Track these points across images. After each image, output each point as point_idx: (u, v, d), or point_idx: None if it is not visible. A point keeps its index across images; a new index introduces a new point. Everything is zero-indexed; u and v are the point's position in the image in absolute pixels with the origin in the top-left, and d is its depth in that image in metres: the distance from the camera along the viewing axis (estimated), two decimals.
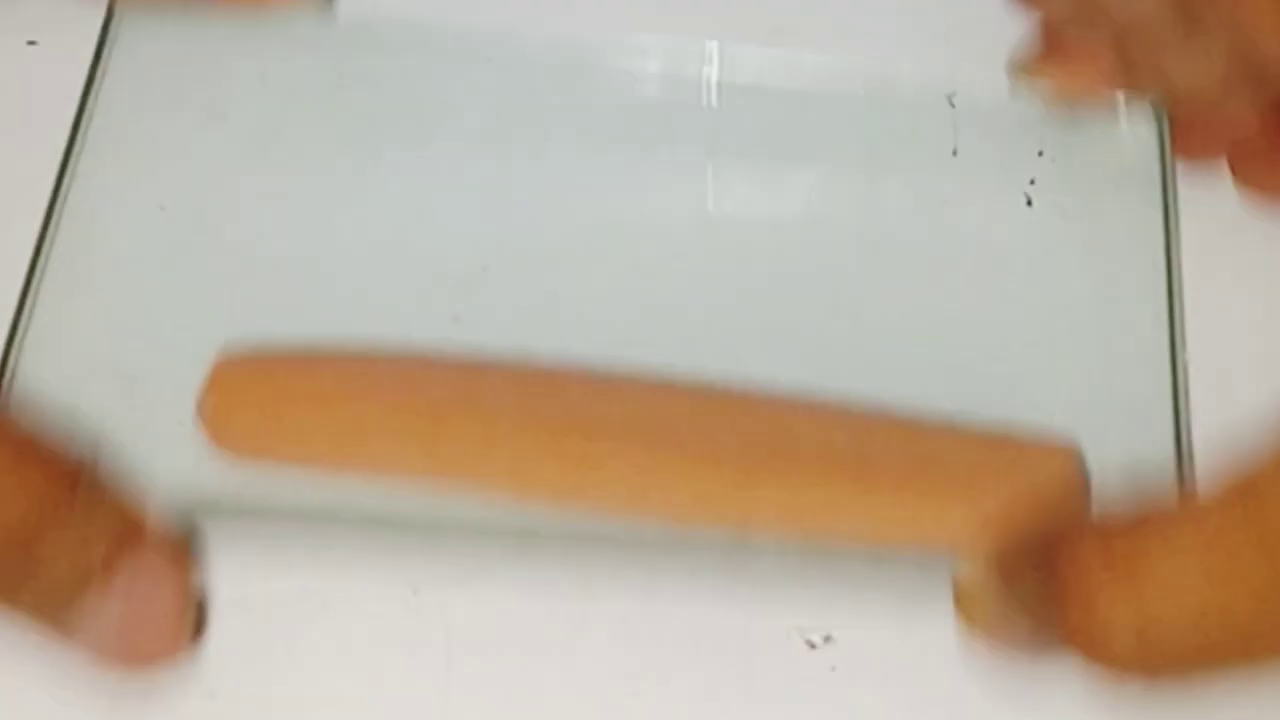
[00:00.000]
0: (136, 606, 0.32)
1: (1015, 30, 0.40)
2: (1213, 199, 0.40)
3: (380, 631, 0.35)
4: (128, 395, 0.36)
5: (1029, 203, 0.40)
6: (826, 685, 0.35)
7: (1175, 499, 0.32)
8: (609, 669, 0.35)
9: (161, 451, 0.35)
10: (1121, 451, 0.36)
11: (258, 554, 0.35)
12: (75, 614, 0.32)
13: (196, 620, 0.34)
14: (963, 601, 0.33)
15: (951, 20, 0.42)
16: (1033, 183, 0.40)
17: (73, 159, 0.38)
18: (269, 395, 0.36)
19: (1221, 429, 0.36)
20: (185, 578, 0.33)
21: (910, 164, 0.40)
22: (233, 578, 0.35)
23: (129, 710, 0.34)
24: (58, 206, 0.37)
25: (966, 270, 0.39)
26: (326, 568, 0.35)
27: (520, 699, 0.35)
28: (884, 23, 0.43)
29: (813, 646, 0.35)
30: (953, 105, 0.40)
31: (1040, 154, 0.40)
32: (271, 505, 0.35)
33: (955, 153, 0.40)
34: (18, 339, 0.36)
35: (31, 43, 0.41)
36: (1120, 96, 0.39)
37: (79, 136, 0.38)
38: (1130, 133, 0.39)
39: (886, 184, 0.40)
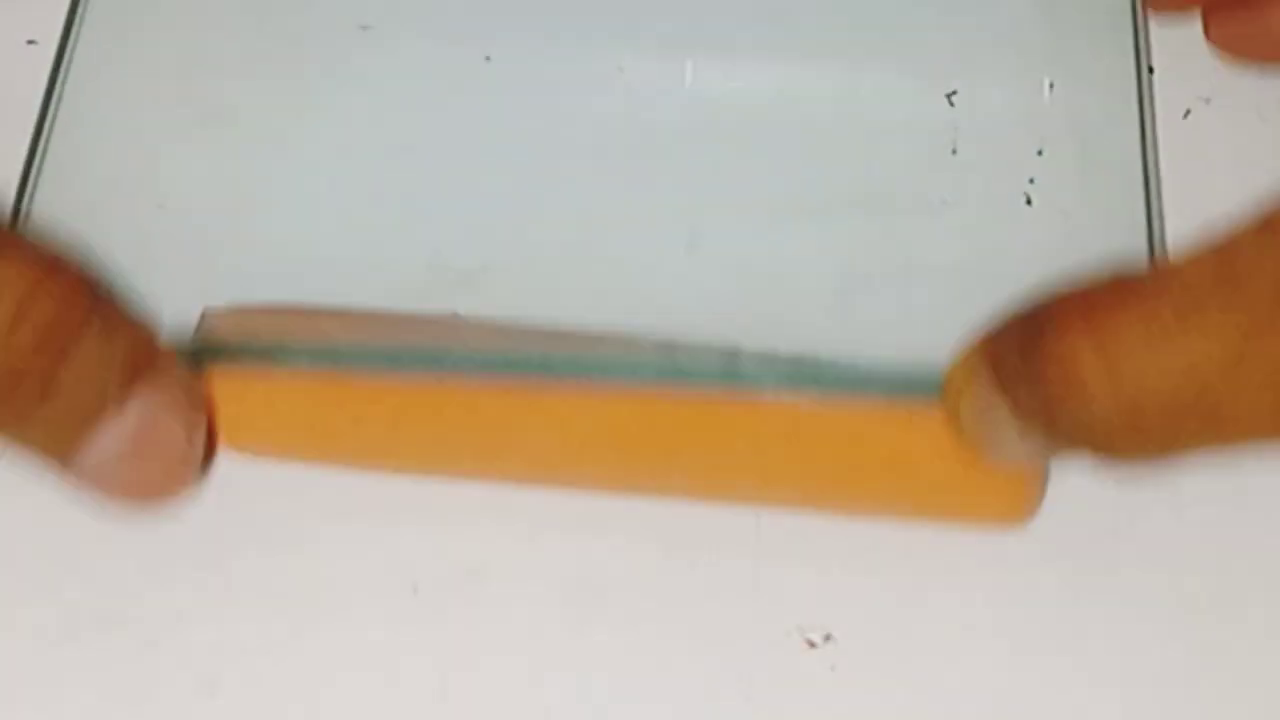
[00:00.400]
0: (147, 437, 0.32)
1: (1016, 29, 0.40)
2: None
3: (380, 631, 0.35)
4: None
5: (1029, 202, 0.40)
6: (826, 685, 0.35)
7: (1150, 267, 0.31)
8: (609, 668, 0.35)
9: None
10: None
11: (257, 553, 0.35)
12: (84, 444, 0.31)
13: (204, 455, 0.33)
14: (949, 398, 0.33)
15: (951, 19, 0.42)
16: (1032, 182, 0.40)
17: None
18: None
19: None
20: (198, 409, 0.32)
21: (910, 163, 0.40)
22: (231, 575, 0.35)
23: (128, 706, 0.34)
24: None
25: (966, 270, 0.39)
26: (327, 566, 0.35)
27: (520, 699, 0.35)
28: (884, 21, 0.43)
29: (813, 646, 0.35)
30: (952, 104, 0.40)
31: (1040, 153, 0.40)
32: (279, 348, 0.34)
33: (955, 152, 0.40)
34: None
35: (31, 42, 0.41)
36: None
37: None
38: None
39: (886, 183, 0.40)
